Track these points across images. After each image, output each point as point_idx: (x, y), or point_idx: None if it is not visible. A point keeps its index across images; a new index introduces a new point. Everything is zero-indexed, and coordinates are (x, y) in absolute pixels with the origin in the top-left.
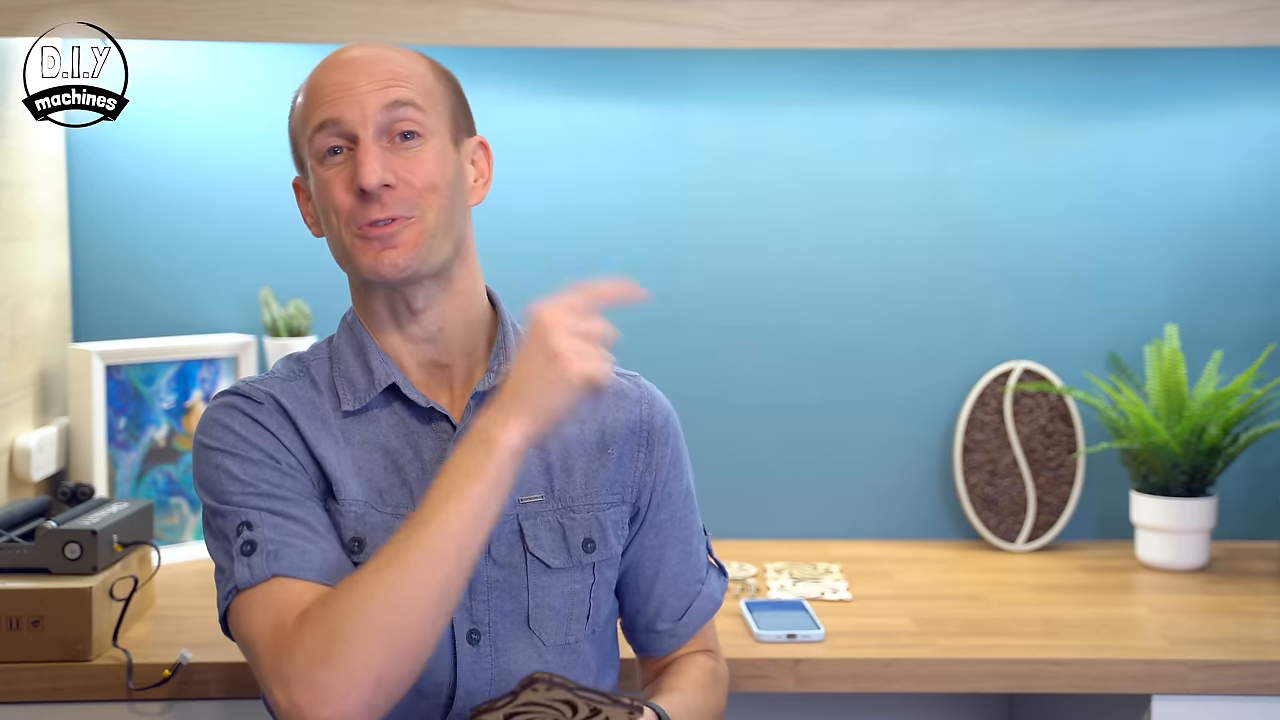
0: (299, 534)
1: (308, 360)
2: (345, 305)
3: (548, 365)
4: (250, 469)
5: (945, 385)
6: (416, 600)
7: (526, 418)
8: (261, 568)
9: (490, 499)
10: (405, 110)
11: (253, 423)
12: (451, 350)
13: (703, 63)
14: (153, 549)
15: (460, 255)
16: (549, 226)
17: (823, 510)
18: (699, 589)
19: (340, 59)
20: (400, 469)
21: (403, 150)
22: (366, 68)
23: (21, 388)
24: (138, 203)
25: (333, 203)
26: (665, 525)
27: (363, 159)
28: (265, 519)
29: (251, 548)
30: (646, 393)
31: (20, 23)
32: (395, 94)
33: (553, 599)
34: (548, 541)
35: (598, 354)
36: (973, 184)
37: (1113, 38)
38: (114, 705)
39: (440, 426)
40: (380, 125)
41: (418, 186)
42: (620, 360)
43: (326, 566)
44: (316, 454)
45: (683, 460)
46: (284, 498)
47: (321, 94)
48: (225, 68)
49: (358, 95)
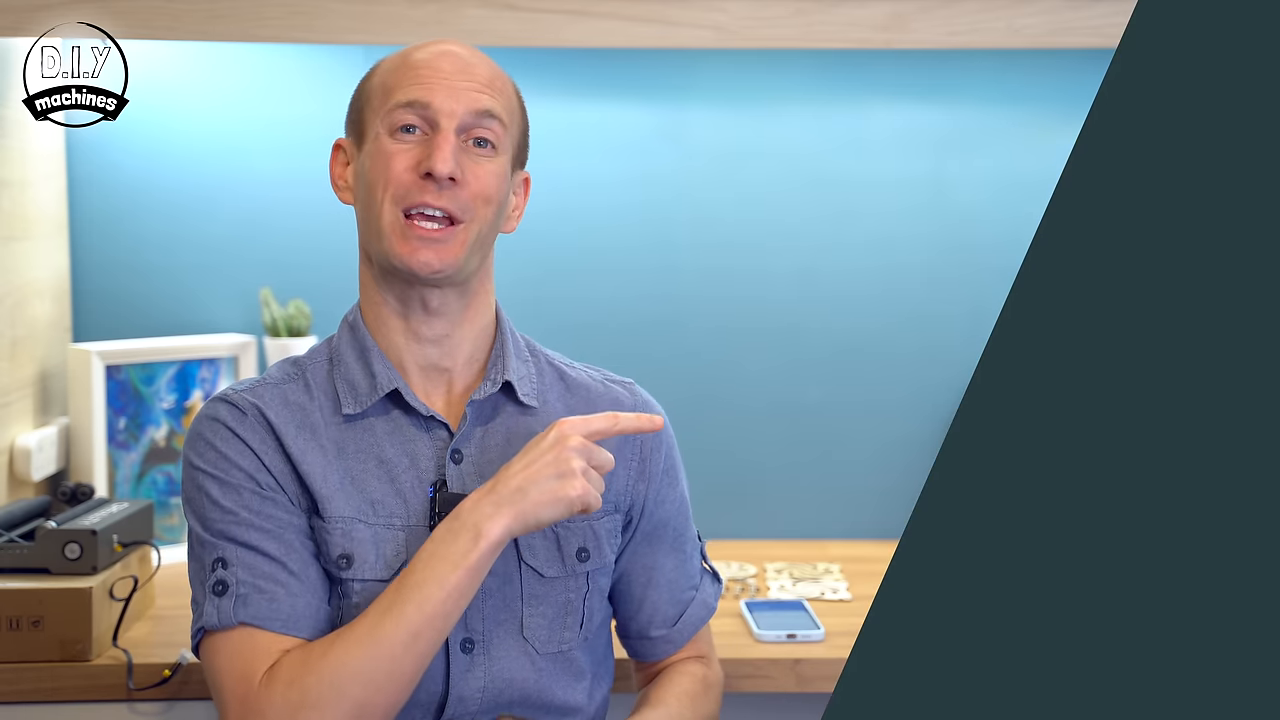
0: (271, 575)
1: (305, 364)
2: (345, 305)
3: (555, 479)
4: (231, 495)
5: (945, 385)
6: (391, 675)
7: (516, 517)
8: (228, 613)
9: (469, 585)
10: (490, 121)
11: (234, 438)
12: (455, 356)
13: (703, 63)
14: (153, 549)
15: (481, 275)
16: (549, 226)
17: (823, 510)
18: (693, 595)
19: (445, 48)
20: (394, 478)
21: (474, 154)
22: (469, 67)
23: (21, 388)
24: (138, 203)
25: (389, 175)
26: (658, 533)
27: (441, 145)
28: (241, 557)
29: (223, 588)
30: (641, 401)
31: (20, 23)
32: (488, 103)
33: (546, 608)
34: (542, 551)
35: (599, 484)
36: (973, 184)
37: (1113, 38)
38: (114, 705)
39: (438, 434)
40: (464, 124)
41: (475, 191)
42: (620, 360)
43: (294, 616)
44: (300, 470)
45: (676, 468)
46: (263, 529)
47: (418, 73)
48: (225, 68)
49: (455, 88)
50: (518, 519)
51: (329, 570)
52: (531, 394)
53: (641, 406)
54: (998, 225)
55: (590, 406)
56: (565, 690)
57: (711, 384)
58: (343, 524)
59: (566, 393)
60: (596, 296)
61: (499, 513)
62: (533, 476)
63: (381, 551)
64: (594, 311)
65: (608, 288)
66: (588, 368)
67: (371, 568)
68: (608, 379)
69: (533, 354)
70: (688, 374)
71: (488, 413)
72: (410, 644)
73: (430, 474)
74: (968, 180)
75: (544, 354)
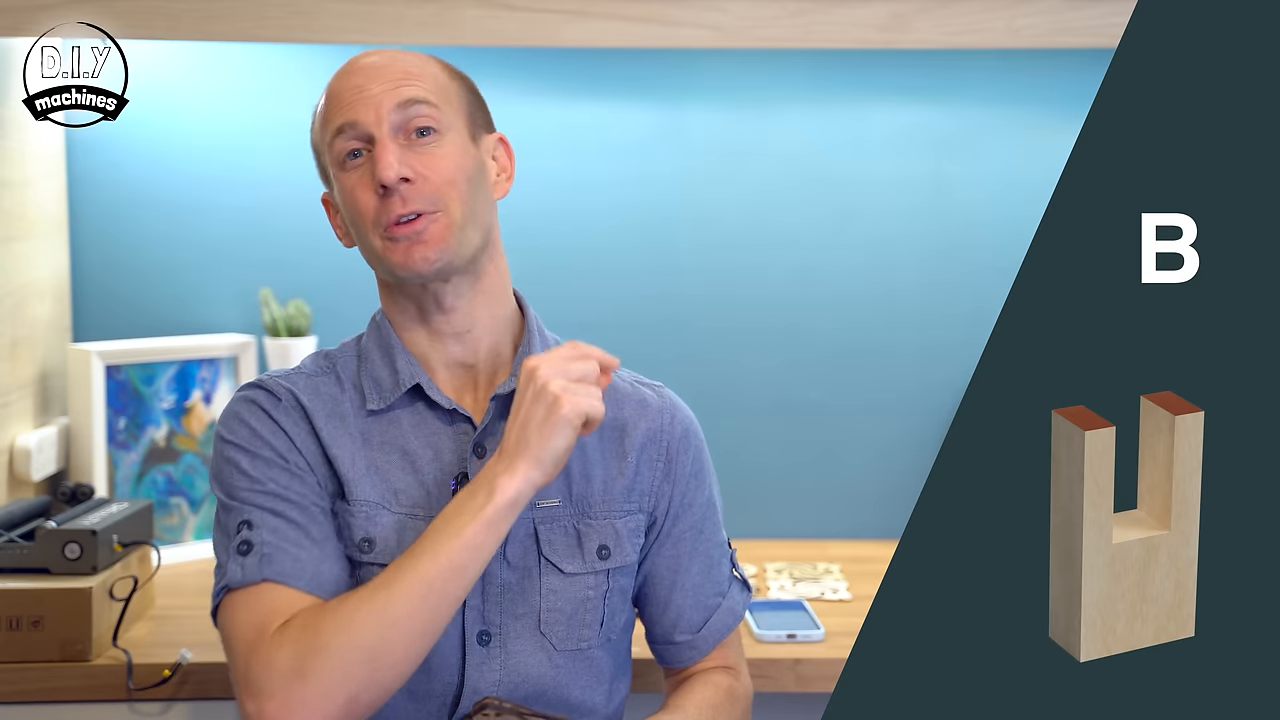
0: (296, 539)
1: (335, 357)
2: (345, 305)
3: (543, 408)
4: (260, 466)
5: (945, 385)
6: (402, 624)
7: (531, 463)
8: (254, 569)
9: (485, 539)
10: (419, 108)
11: (268, 419)
12: (478, 350)
13: (703, 63)
14: (153, 549)
15: (488, 249)
16: (549, 226)
17: (823, 510)
18: (719, 602)
19: (353, 66)
20: (418, 470)
21: (420, 147)
22: (378, 71)
23: (21, 388)
24: (138, 202)
25: (358, 206)
26: (684, 536)
27: (379, 155)
28: (266, 520)
29: (248, 548)
30: (669, 403)
31: (20, 23)
32: (408, 92)
33: (564, 603)
34: (562, 546)
35: (590, 392)
36: (973, 184)
37: (1113, 38)
38: (114, 705)
39: (462, 428)
40: (395, 124)
41: (436, 181)
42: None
43: (318, 576)
44: (330, 454)
45: (704, 472)
46: (289, 499)
47: (338, 100)
48: (225, 68)
49: (371, 96)
50: (534, 464)
51: (350, 555)
52: None
53: (669, 410)
54: (998, 226)
55: (617, 408)
56: (584, 690)
57: (711, 384)
58: (367, 508)
59: None
60: (596, 296)
61: (512, 467)
62: (524, 422)
63: (403, 539)
64: (594, 311)
65: (608, 288)
66: (619, 369)
67: (392, 553)
68: (637, 381)
69: None
70: (688, 374)
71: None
72: (425, 595)
73: (454, 467)
74: (968, 180)
75: None
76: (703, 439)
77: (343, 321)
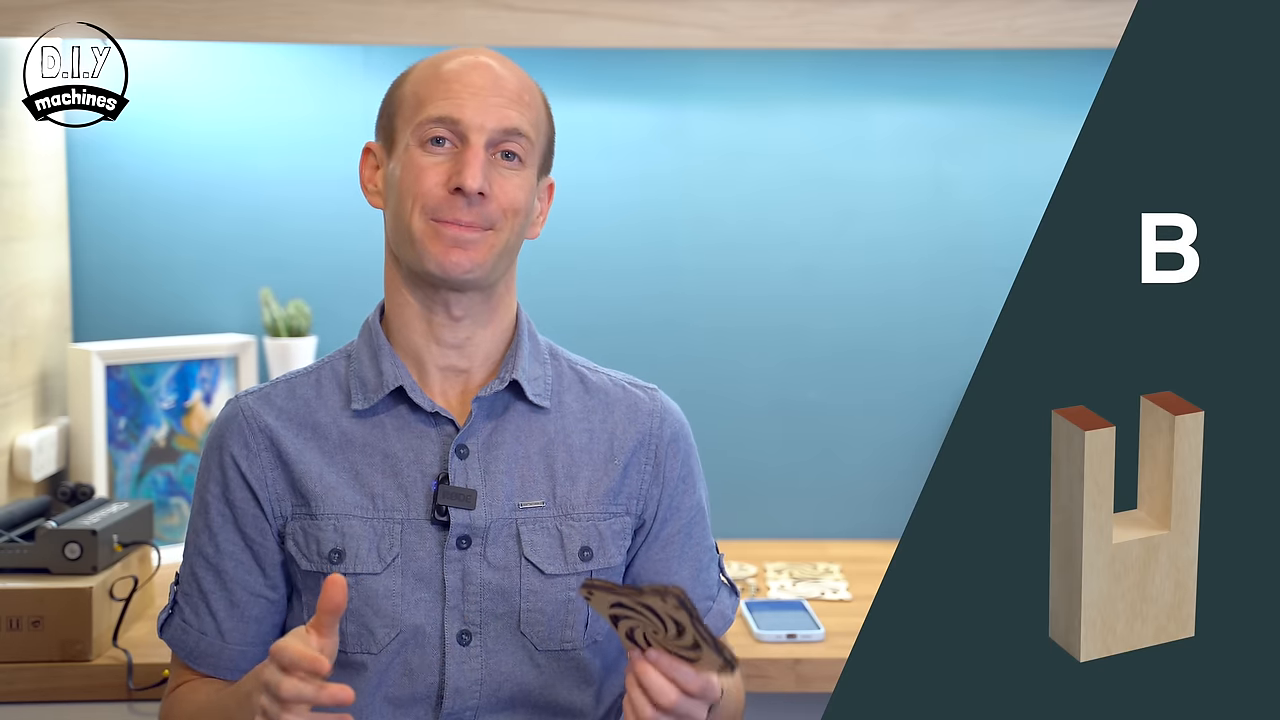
0: (209, 619)
1: (333, 358)
2: (345, 305)
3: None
4: (215, 520)
5: (945, 385)
6: None
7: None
8: (171, 636)
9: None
10: (518, 138)
11: (233, 465)
12: (474, 358)
13: (703, 63)
14: (153, 549)
15: (505, 282)
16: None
17: (823, 510)
18: (709, 605)
19: (478, 60)
20: (398, 473)
21: (501, 167)
22: (499, 80)
23: (21, 388)
24: (138, 202)
25: (421, 185)
26: (672, 540)
27: (470, 161)
28: (195, 583)
29: (172, 607)
30: (659, 406)
31: (20, 23)
32: (517, 120)
33: (545, 604)
34: (544, 547)
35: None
36: (973, 184)
37: (1113, 38)
38: (114, 705)
39: (445, 430)
40: (492, 140)
41: (503, 204)
42: (620, 360)
43: (216, 660)
44: (295, 471)
45: (693, 476)
46: (222, 570)
47: (449, 86)
48: (225, 68)
49: (485, 104)
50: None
51: (318, 568)
52: (543, 394)
53: (659, 413)
54: (998, 225)
55: (608, 409)
56: (571, 692)
57: (711, 384)
58: (335, 520)
59: (585, 395)
60: (596, 296)
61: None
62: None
63: (375, 544)
64: (594, 312)
65: (607, 288)
66: (613, 372)
67: (363, 561)
68: (631, 383)
69: (553, 357)
70: (687, 374)
71: (498, 410)
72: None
73: (434, 468)
74: (968, 180)
75: (567, 357)
76: (693, 443)
77: (343, 321)
